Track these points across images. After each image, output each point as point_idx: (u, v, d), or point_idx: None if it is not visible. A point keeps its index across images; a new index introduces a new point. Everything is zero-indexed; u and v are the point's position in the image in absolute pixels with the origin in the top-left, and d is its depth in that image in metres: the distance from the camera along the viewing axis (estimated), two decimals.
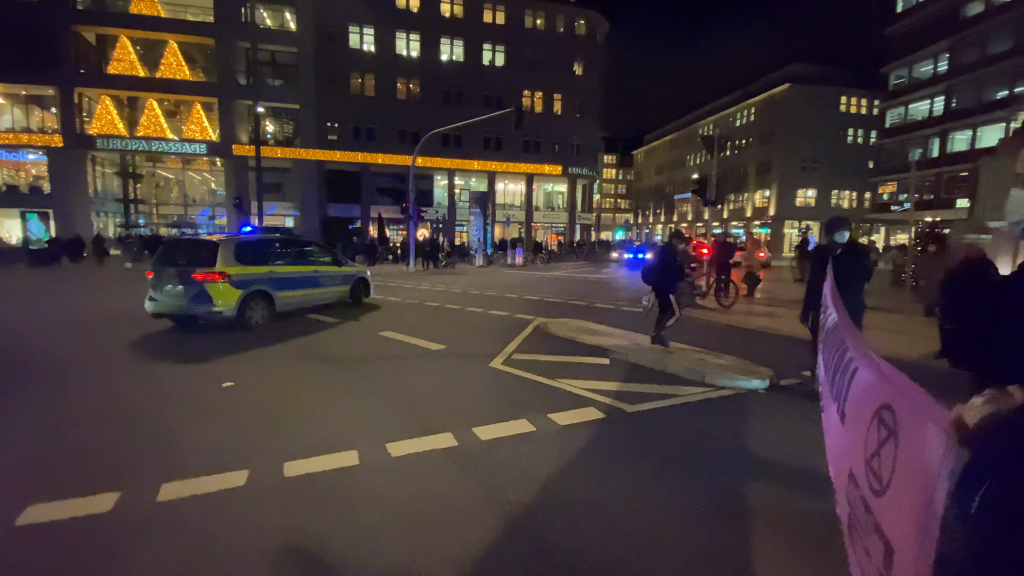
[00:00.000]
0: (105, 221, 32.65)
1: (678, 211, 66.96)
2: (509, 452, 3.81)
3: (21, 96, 29.93)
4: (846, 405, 1.52)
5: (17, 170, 30.59)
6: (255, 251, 8.82)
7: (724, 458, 3.83)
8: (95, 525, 2.87)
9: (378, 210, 33.56)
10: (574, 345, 7.35)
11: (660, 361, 6.19)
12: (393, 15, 34.62)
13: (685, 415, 4.69)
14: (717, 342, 7.59)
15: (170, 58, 30.42)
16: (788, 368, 6.09)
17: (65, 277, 18.19)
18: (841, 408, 1.66)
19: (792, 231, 46.59)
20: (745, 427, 4.47)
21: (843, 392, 1.59)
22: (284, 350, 7.20)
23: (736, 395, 5.26)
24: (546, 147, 38.22)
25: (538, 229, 40.67)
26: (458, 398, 5.07)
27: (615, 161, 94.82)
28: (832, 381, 2.12)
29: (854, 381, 1.45)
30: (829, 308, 3.06)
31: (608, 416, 4.55)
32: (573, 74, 38.73)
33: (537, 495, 3.20)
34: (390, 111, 34.82)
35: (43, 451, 3.82)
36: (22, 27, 28.08)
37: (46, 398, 5.01)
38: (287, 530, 2.85)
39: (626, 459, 3.74)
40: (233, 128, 31.63)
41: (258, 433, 4.16)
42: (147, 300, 8.22)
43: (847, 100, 46.80)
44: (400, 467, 3.58)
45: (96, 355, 6.84)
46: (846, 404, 1.52)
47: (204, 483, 3.31)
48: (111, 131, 29.88)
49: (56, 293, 13.47)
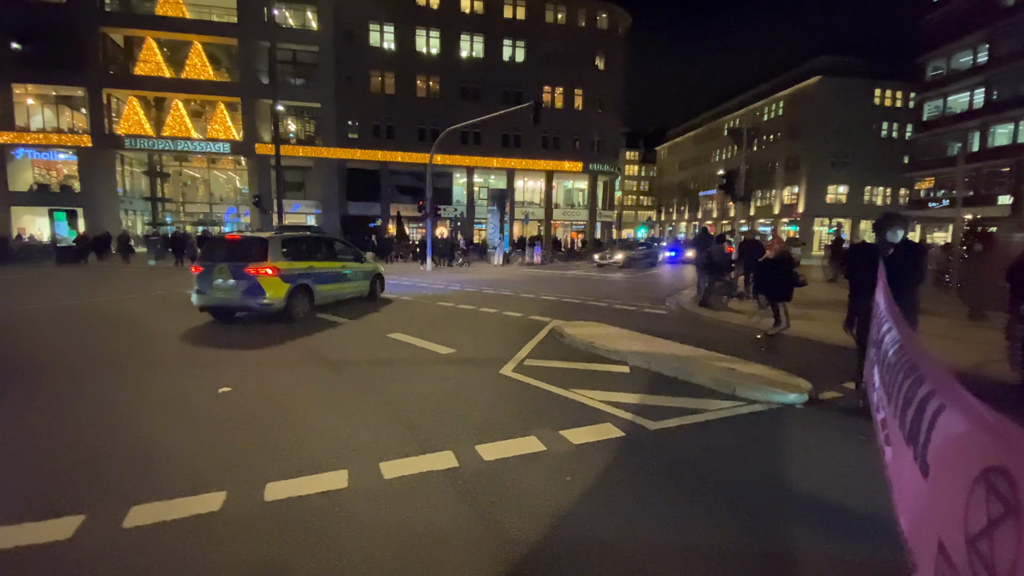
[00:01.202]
0: (133, 219, 33.36)
1: (702, 208, 65.46)
2: (515, 476, 3.40)
3: (51, 97, 30.72)
4: (928, 453, 1.24)
5: (48, 169, 31.43)
6: (298, 247, 9.30)
7: (763, 490, 3.33)
8: (50, 554, 2.57)
9: (397, 208, 33.50)
10: (591, 351, 6.88)
11: (685, 370, 5.69)
12: (413, 12, 34.46)
13: (715, 434, 4.19)
14: (747, 349, 7.03)
15: (195, 59, 30.83)
16: (828, 379, 5.54)
17: (90, 274, 18.48)
18: (920, 455, 1.33)
19: (822, 228, 45.00)
20: (785, 450, 3.96)
21: (922, 435, 1.30)
22: (290, 351, 6.94)
23: (770, 410, 4.73)
24: (566, 143, 37.60)
25: (558, 227, 40.09)
26: (463, 409, 4.68)
27: (637, 157, 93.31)
28: (901, 415, 1.69)
29: (938, 424, 1.18)
30: (885, 320, 2.56)
31: (628, 434, 4.09)
32: (594, 69, 37.99)
33: (543, 532, 2.78)
34: (409, 109, 34.70)
35: (15, 463, 3.57)
36: (52, 29, 28.76)
37: (33, 402, 4.80)
38: (257, 566, 2.50)
39: (648, 488, 3.29)
40: (256, 127, 31.93)
41: (244, 448, 3.84)
42: (194, 294, 8.57)
43: (880, 93, 44.87)
44: (392, 492, 3.20)
45: (101, 354, 6.69)
46: (928, 452, 1.24)
47: (176, 507, 3.00)
48: (138, 131, 30.45)
49: (76, 290, 13.58)
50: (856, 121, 43.50)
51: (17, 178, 29.94)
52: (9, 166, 29.33)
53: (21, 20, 28.51)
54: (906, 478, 1.66)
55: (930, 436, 1.32)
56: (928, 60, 37.98)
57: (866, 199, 45.88)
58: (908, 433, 1.60)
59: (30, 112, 30.42)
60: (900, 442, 1.75)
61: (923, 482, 1.38)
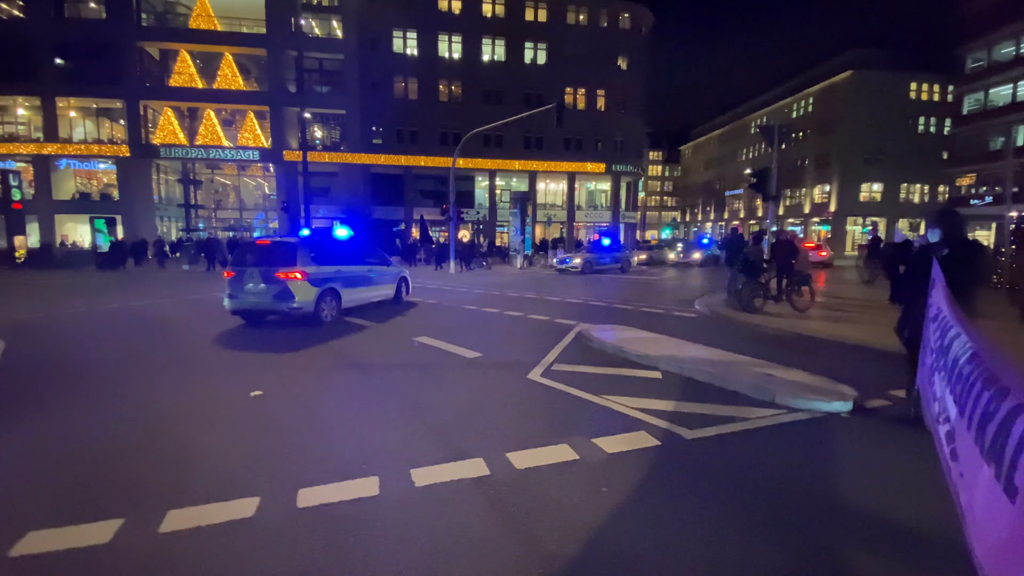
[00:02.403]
0: (168, 225, 34.53)
1: (729, 208, 64.20)
2: (548, 486, 3.30)
3: (92, 109, 32.06)
4: (1018, 475, 1.14)
5: (89, 178, 32.80)
6: (326, 252, 9.44)
7: (810, 505, 3.16)
8: (90, 559, 2.60)
9: (420, 212, 33.81)
10: (621, 355, 6.73)
11: (720, 376, 5.49)
12: (435, 18, 34.81)
13: (756, 444, 4.01)
14: (785, 354, 6.78)
15: (226, 69, 31.77)
16: (873, 386, 5.27)
17: (128, 279, 19.15)
18: (1006, 476, 1.23)
19: (855, 228, 43.55)
20: (831, 462, 3.76)
21: (1008, 454, 1.21)
22: (319, 355, 7.00)
23: (813, 419, 4.51)
24: (588, 144, 37.37)
25: (580, 229, 39.83)
26: (492, 415, 4.61)
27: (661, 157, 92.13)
28: (978, 430, 1.56)
29: None
30: (951, 325, 2.38)
31: (663, 443, 3.95)
32: (617, 69, 37.69)
33: (580, 547, 2.68)
34: (432, 113, 35.02)
35: (57, 465, 3.65)
36: (93, 45, 30.10)
37: (76, 404, 4.94)
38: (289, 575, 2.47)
39: (688, 501, 3.15)
40: (284, 135, 32.69)
41: (276, 452, 3.85)
42: (226, 298, 8.79)
43: (916, 86, 43.30)
44: (423, 500, 3.15)
45: (138, 357, 6.87)
46: (1017, 473, 1.15)
47: (211, 512, 3.00)
48: (173, 140, 31.51)
49: (115, 294, 14.06)
50: (890, 116, 42.03)
51: (61, 187, 31.34)
52: (53, 176, 30.72)
53: (65, 37, 29.89)
54: (984, 500, 1.51)
55: (1021, 455, 1.20)
56: (968, 51, 36.48)
57: (902, 197, 44.28)
58: (987, 450, 1.46)
59: (72, 124, 31.82)
60: (974, 459, 1.60)
61: (1010, 507, 1.25)
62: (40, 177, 30.22)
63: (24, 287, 16.33)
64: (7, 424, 4.45)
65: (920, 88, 43.40)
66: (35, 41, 29.32)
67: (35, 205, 29.35)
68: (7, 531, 2.78)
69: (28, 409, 4.84)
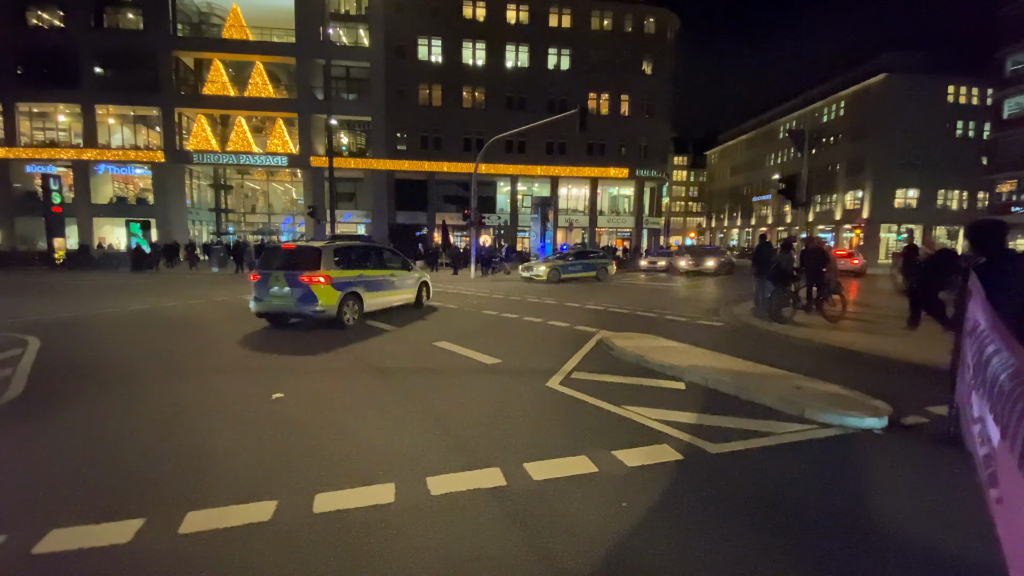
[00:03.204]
0: (200, 229, 35.57)
1: (756, 214, 62.91)
2: (566, 499, 3.22)
3: (130, 117, 33.33)
4: None
5: (126, 183, 34.07)
6: (349, 256, 9.52)
7: (841, 525, 3.00)
8: (111, 558, 2.63)
9: (443, 217, 34.05)
10: (643, 364, 6.59)
11: (746, 388, 5.31)
12: (460, 25, 35.17)
13: (783, 460, 3.85)
14: (815, 366, 6.54)
15: (256, 78, 32.67)
16: (910, 402, 5.03)
17: (160, 281, 19.75)
18: None
19: (890, 235, 42.12)
20: (864, 481, 3.58)
21: None
22: (340, 358, 7.05)
23: (845, 436, 4.32)
24: (612, 149, 37.12)
25: (602, 234, 39.54)
26: (510, 423, 4.54)
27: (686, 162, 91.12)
28: (1019, 454, 1.45)
29: None
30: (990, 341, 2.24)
31: (686, 457, 3.82)
32: (642, 74, 37.41)
33: (599, 565, 2.58)
34: (456, 119, 35.32)
35: (82, 463, 3.73)
36: (131, 55, 31.38)
37: (103, 402, 5.07)
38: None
39: (712, 519, 3.03)
40: (311, 141, 33.41)
41: (294, 456, 3.86)
42: (252, 301, 8.97)
43: (954, 90, 41.73)
44: (439, 509, 3.10)
45: (166, 357, 7.03)
46: None
47: (229, 514, 3.02)
48: (205, 147, 32.52)
49: (147, 295, 14.48)
50: (927, 120, 40.59)
51: (99, 191, 32.62)
52: (92, 180, 32.00)
53: (104, 46, 31.21)
54: None
55: None
56: (1007, 54, 35.08)
57: (939, 203, 42.65)
58: None
59: (111, 131, 33.13)
60: (1016, 484, 1.48)
61: None
62: (79, 181, 31.52)
63: (61, 287, 16.99)
64: (37, 421, 4.59)
65: (958, 91, 41.84)
66: (76, 51, 30.70)
67: (74, 208, 30.62)
68: (32, 528, 2.84)
69: (57, 406, 4.99)
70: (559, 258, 21.93)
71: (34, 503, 3.17)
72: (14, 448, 4.00)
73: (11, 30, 30.23)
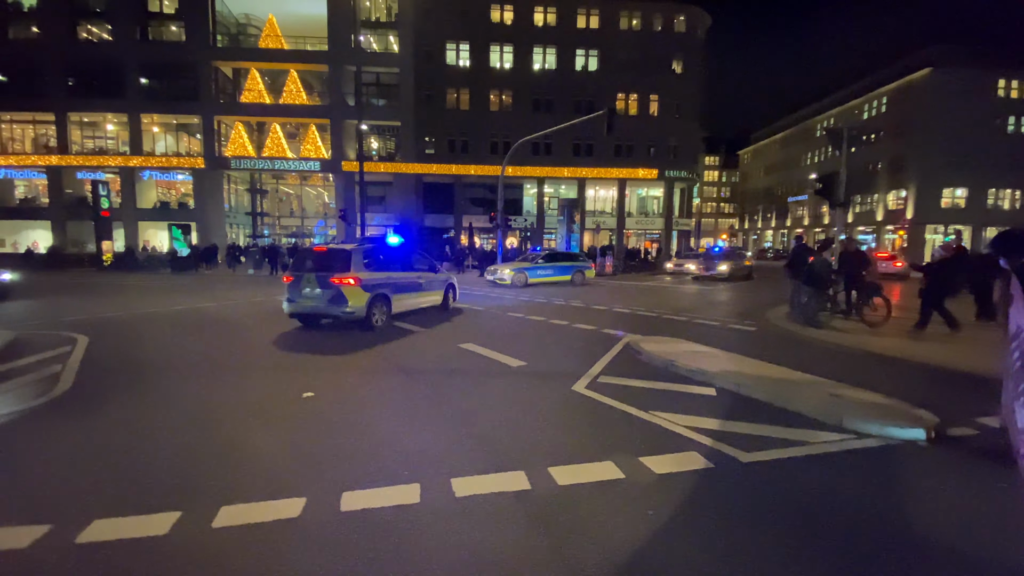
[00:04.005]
0: (237, 232, 36.82)
1: (792, 215, 61.04)
2: (591, 505, 3.18)
3: (172, 125, 34.81)
4: None
5: (168, 188, 35.57)
6: (377, 259, 9.72)
7: (881, 541, 2.85)
8: (149, 549, 2.73)
9: (469, 219, 34.28)
10: (672, 369, 6.46)
11: (781, 395, 5.14)
12: (487, 29, 35.38)
13: (820, 471, 3.69)
14: (854, 373, 6.28)
15: (291, 85, 33.64)
16: (957, 412, 4.78)
17: (199, 282, 20.50)
18: None
19: (935, 236, 40.19)
20: (906, 495, 3.40)
21: None
22: (368, 358, 7.17)
23: (886, 447, 4.12)
24: (640, 150, 36.64)
25: (630, 236, 39.05)
26: (534, 427, 4.52)
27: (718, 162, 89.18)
28: None
29: None
30: None
31: (716, 466, 3.71)
32: (672, 73, 36.81)
33: (623, 573, 2.53)
34: (482, 123, 35.52)
35: (124, 456, 3.89)
36: (173, 65, 32.80)
37: (144, 399, 5.28)
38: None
39: (743, 530, 2.93)
40: (342, 146, 34.18)
41: (323, 454, 3.93)
42: (285, 302, 9.20)
43: (1005, 83, 39.54)
44: (463, 511, 3.10)
45: (203, 356, 7.29)
46: None
47: (260, 510, 3.10)
48: (242, 153, 33.66)
49: (186, 296, 15.06)
50: (975, 116, 38.59)
51: (144, 196, 34.16)
52: (138, 186, 33.55)
53: (149, 58, 32.69)
54: None
55: None
56: None
57: (990, 203, 40.47)
58: None
59: (155, 139, 34.66)
60: None
61: None
62: (126, 187, 33.08)
63: (108, 288, 17.83)
64: (83, 415, 4.82)
65: (1009, 86, 39.63)
66: (122, 62, 32.26)
67: (121, 213, 32.15)
68: (76, 518, 2.97)
69: (102, 401, 5.22)
70: (526, 260, 20.09)
71: (78, 494, 3.32)
72: (62, 441, 4.21)
73: (63, 44, 31.99)
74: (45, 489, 3.39)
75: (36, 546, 2.73)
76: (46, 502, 3.20)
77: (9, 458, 3.86)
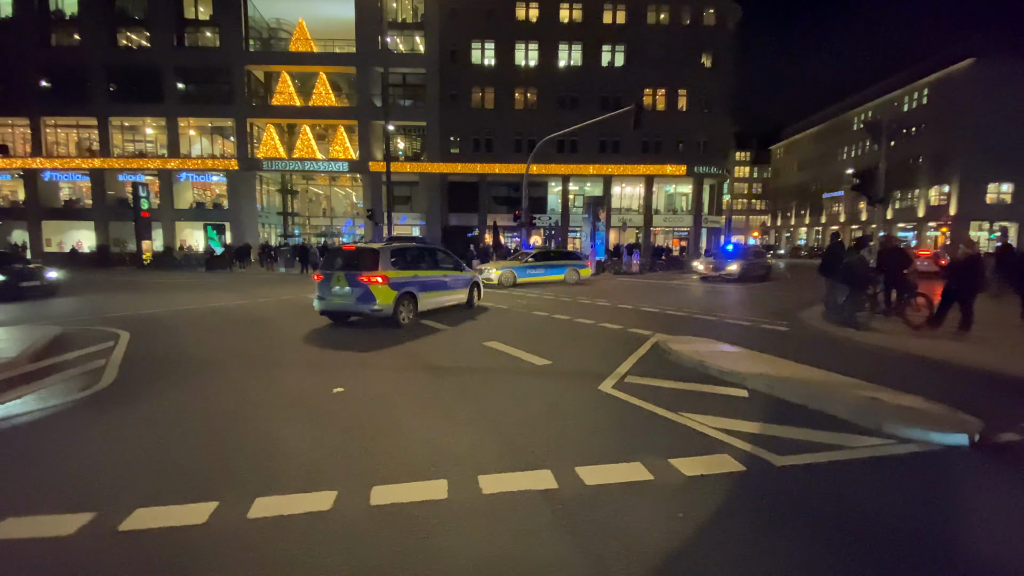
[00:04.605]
0: (268, 232, 37.82)
1: (827, 212, 59.13)
2: (619, 506, 3.14)
3: (207, 128, 35.95)
4: None
5: (204, 189, 36.75)
6: (404, 257, 9.83)
7: (924, 552, 2.73)
8: (188, 537, 2.82)
9: (494, 218, 34.34)
10: (702, 370, 6.33)
11: (816, 398, 4.98)
12: (513, 27, 35.34)
13: (858, 477, 3.56)
14: (894, 376, 6.04)
15: (320, 87, 34.32)
16: (1004, 418, 4.55)
17: (233, 280, 21.15)
18: None
19: (981, 233, 38.34)
20: (950, 503, 3.25)
21: None
22: (396, 355, 7.26)
23: (928, 452, 3.95)
24: (668, 146, 36.04)
25: (657, 234, 38.48)
26: (561, 426, 4.49)
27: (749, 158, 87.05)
28: None
29: None
30: None
31: (749, 469, 3.62)
32: (700, 67, 36.06)
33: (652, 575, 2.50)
34: (507, 121, 35.53)
35: (165, 447, 4.03)
36: (208, 70, 33.86)
37: (182, 392, 5.47)
38: (360, 572, 2.51)
39: (776, 536, 2.85)
40: (370, 147, 34.70)
41: (353, 448, 4.00)
42: (315, 299, 9.41)
43: None
44: (489, 508, 3.11)
45: (237, 351, 7.51)
46: None
47: (293, 502, 3.17)
48: (274, 154, 34.53)
49: (221, 293, 15.55)
50: (1022, 107, 36.59)
51: (181, 198, 35.40)
52: (175, 188, 34.79)
53: (185, 63, 33.82)
54: None
55: None
56: None
57: None
58: None
59: (191, 141, 35.86)
60: None
61: None
62: (164, 189, 34.33)
63: (148, 285, 18.57)
64: (125, 408, 5.02)
65: None
66: (160, 68, 33.47)
67: (159, 213, 33.44)
68: (119, 507, 3.10)
69: (143, 395, 5.43)
70: (516, 259, 19.40)
71: (121, 483, 3.46)
72: (105, 433, 4.39)
73: (105, 51, 33.37)
74: (89, 478, 3.54)
75: (81, 533, 2.85)
76: (91, 491, 3.34)
77: (56, 448, 4.05)
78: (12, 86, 33.05)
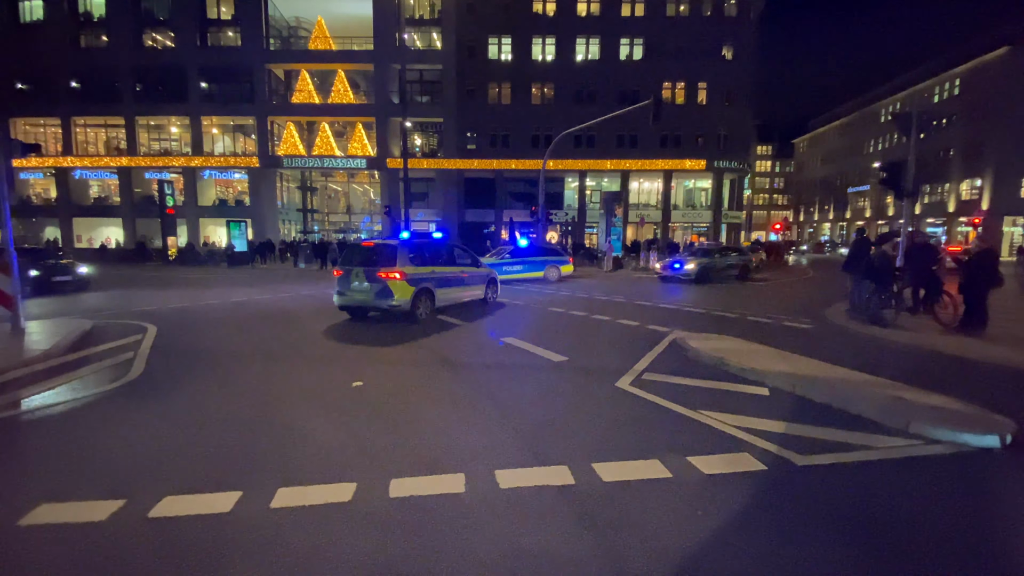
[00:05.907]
0: (288, 228, 38.45)
1: (852, 206, 57.72)
2: (636, 503, 3.12)
3: (230, 126, 36.63)
4: None
5: (226, 187, 37.49)
6: (422, 253, 9.91)
7: (954, 558, 2.66)
8: (214, 525, 2.90)
9: (510, 214, 34.32)
10: (721, 367, 6.25)
11: (840, 397, 4.87)
12: (530, 21, 35.15)
13: (883, 478, 3.48)
14: (922, 375, 5.88)
15: (339, 85, 34.67)
16: None
17: (254, 275, 21.55)
18: None
19: (1015, 228, 37.02)
20: (982, 507, 3.16)
21: None
22: (413, 350, 7.33)
23: (958, 454, 3.84)
24: (688, 140, 35.51)
25: (676, 229, 38.00)
26: (578, 422, 4.48)
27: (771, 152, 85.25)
28: None
29: None
30: None
31: (770, 468, 3.56)
32: (721, 60, 35.40)
33: (671, 572, 2.48)
34: (524, 116, 35.42)
35: (191, 438, 4.14)
36: (230, 69, 34.48)
37: (207, 384, 5.61)
38: (379, 562, 2.55)
39: (798, 536, 2.80)
40: (387, 143, 34.97)
41: (373, 441, 4.06)
42: (335, 295, 9.58)
43: None
44: (507, 502, 3.12)
45: (259, 345, 7.65)
46: None
47: (314, 493, 3.23)
48: (294, 152, 35.03)
49: (243, 288, 15.85)
50: None
51: (204, 195, 36.19)
52: (199, 185, 35.56)
53: (208, 63, 34.47)
54: None
55: None
56: None
57: None
58: None
59: (214, 140, 36.57)
60: None
61: None
62: (188, 186, 35.14)
63: (173, 280, 19.04)
64: (153, 399, 5.16)
65: None
66: (184, 68, 34.22)
67: (184, 210, 34.26)
68: (148, 494, 3.20)
69: (169, 386, 5.58)
70: (493, 256, 18.63)
71: (150, 472, 3.57)
72: (134, 423, 4.53)
73: (131, 52, 34.22)
74: (120, 467, 3.66)
75: (113, 519, 2.95)
76: (121, 479, 3.45)
77: (87, 438, 4.19)
78: (44, 87, 34.16)
